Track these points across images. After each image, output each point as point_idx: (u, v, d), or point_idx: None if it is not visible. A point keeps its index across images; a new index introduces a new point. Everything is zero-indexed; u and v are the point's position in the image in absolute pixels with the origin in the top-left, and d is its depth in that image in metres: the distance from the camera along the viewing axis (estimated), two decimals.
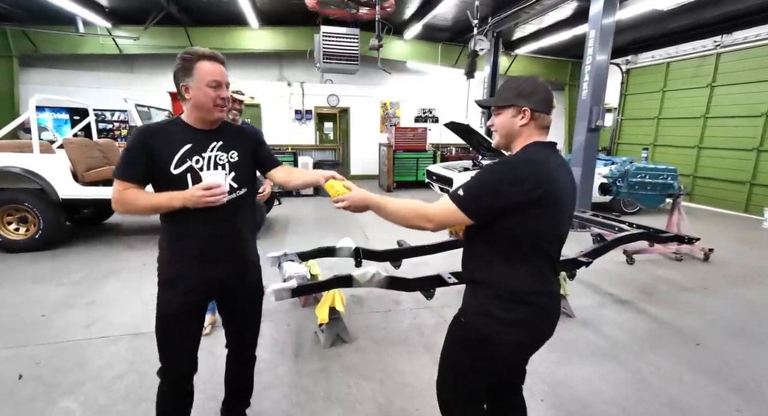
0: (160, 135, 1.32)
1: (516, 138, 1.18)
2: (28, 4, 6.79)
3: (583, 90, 5.27)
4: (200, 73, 1.28)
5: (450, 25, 8.86)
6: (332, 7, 6.28)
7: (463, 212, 1.09)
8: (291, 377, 2.25)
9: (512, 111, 1.16)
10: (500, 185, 1.06)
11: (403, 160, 9.11)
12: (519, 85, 1.16)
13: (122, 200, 1.30)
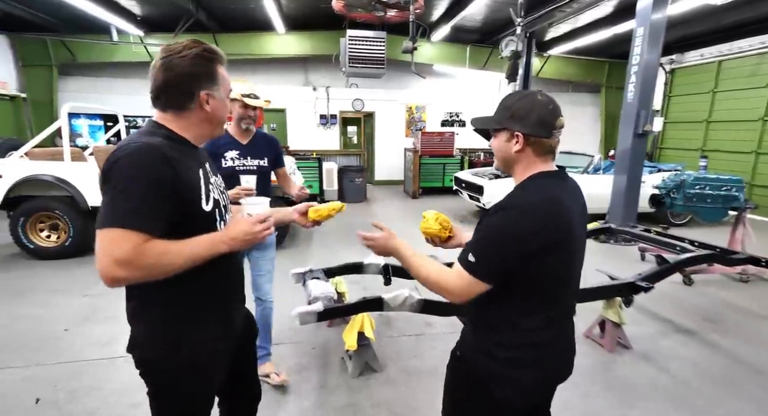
0: (178, 160, 0.92)
1: (514, 164, 1.05)
2: (67, 15, 7.00)
3: (629, 92, 4.86)
4: (224, 82, 1.04)
5: (479, 26, 8.56)
6: (359, 10, 6.14)
7: (481, 280, 0.96)
8: (315, 411, 2.05)
9: (506, 135, 1.03)
10: (512, 243, 0.94)
11: (430, 165, 8.84)
12: (514, 103, 1.01)
13: (141, 260, 0.84)
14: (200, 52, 0.97)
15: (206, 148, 1.93)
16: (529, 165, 1.01)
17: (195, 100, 0.99)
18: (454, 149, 9.12)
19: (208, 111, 1.02)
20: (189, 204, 0.95)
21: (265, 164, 2.16)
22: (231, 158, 2.08)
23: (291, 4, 7.35)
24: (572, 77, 10.46)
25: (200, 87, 0.99)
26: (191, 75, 0.97)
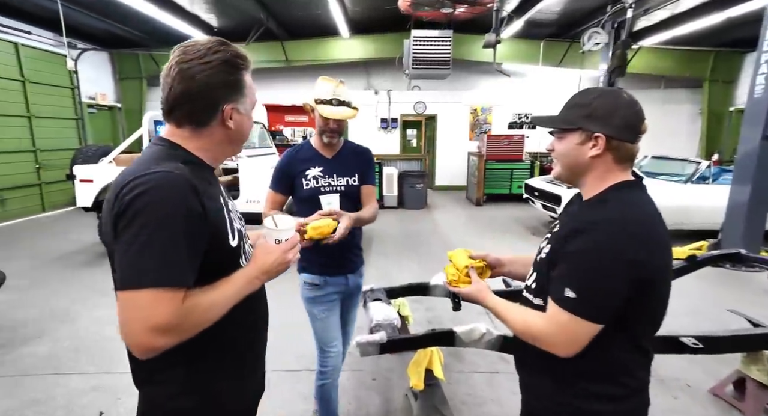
0: (204, 192, 0.75)
1: (585, 173, 0.90)
2: (155, 31, 7.63)
3: (759, 85, 3.98)
4: (250, 92, 0.85)
5: (556, 19, 7.83)
6: (426, 8, 5.85)
7: (589, 320, 0.80)
8: None
9: (578, 137, 0.88)
10: (618, 267, 0.79)
11: (495, 171, 8.26)
12: (591, 101, 0.87)
13: (187, 322, 0.69)
14: (228, 57, 0.79)
15: (281, 166, 1.67)
16: (607, 174, 0.88)
17: (218, 116, 0.81)
18: (524, 153, 8.44)
19: (231, 128, 0.83)
20: (216, 241, 0.78)
21: (355, 181, 1.72)
22: (313, 176, 1.66)
23: (356, 8, 7.30)
24: (666, 71, 9.19)
25: (225, 100, 0.80)
26: (216, 85, 0.78)
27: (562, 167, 0.94)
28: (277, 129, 7.91)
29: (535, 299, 0.96)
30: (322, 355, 1.77)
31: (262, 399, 2.20)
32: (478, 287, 1.05)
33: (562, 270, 0.84)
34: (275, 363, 2.53)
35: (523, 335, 0.89)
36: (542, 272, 0.93)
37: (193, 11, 7.12)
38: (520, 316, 0.91)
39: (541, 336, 0.85)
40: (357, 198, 1.75)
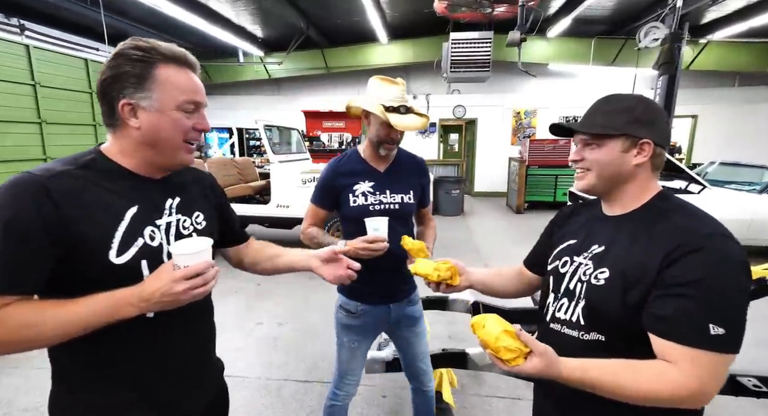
0: (74, 195, 0.70)
1: (627, 182, 0.83)
2: (205, 43, 8.12)
3: None
4: (167, 87, 0.74)
5: (609, 15, 7.30)
6: (463, 9, 5.68)
7: (734, 352, 0.68)
8: None
9: (622, 143, 0.81)
10: (745, 290, 0.69)
11: (538, 177, 7.81)
12: (632, 106, 0.81)
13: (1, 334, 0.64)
14: (125, 50, 0.72)
15: (324, 178, 1.45)
16: (648, 183, 0.84)
17: (123, 116, 0.73)
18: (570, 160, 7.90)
19: (135, 127, 0.74)
20: (81, 252, 0.69)
21: (411, 199, 1.45)
22: (362, 192, 1.39)
23: (395, 13, 7.28)
24: (741, 67, 8.20)
25: (121, 95, 0.71)
26: (111, 80, 0.72)
27: (599, 177, 0.85)
28: (315, 135, 8.07)
29: (585, 335, 0.81)
30: (339, 380, 1.57)
31: (267, 406, 2.15)
32: (548, 359, 0.71)
33: (696, 304, 0.67)
34: (286, 372, 2.51)
35: (654, 400, 0.68)
36: (606, 300, 0.77)
37: (239, 23, 7.48)
38: (636, 376, 0.69)
39: (685, 393, 0.66)
40: (411, 217, 1.52)
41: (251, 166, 5.66)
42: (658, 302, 0.71)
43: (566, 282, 0.87)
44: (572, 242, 0.92)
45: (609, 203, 0.89)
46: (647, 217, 0.81)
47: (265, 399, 2.24)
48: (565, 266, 0.90)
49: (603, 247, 0.84)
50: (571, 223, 0.98)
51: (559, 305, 0.88)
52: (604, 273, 0.80)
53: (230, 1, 6.37)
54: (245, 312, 3.34)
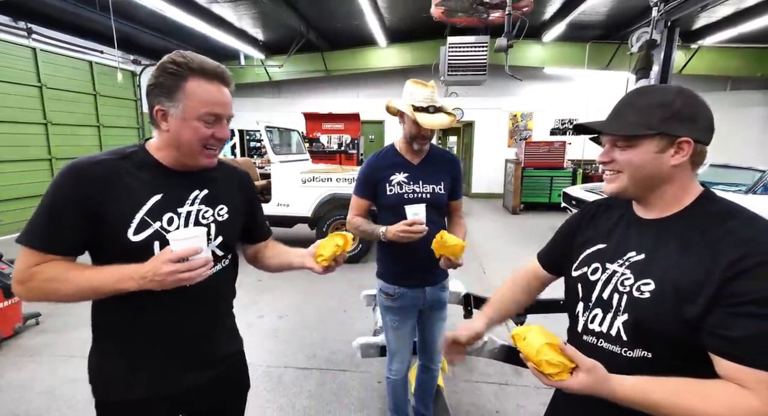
0: (107, 180, 0.84)
1: (665, 184, 0.75)
2: (207, 46, 8.26)
3: None
4: (191, 99, 0.84)
5: (603, 20, 7.45)
6: (460, 15, 5.83)
7: None
8: None
9: (657, 142, 0.72)
10: None
11: (534, 178, 7.96)
12: (670, 100, 0.72)
13: (33, 280, 0.81)
14: (163, 63, 0.85)
15: (364, 171, 1.61)
16: (689, 184, 0.75)
17: (157, 119, 0.87)
18: (565, 161, 8.05)
19: (165, 130, 0.87)
20: (106, 231, 0.84)
21: (441, 190, 1.58)
22: (397, 182, 1.56)
23: (393, 17, 7.43)
24: (733, 72, 8.38)
25: (156, 102, 0.86)
26: (151, 88, 0.86)
27: (632, 180, 0.76)
28: (314, 136, 8.20)
29: (629, 352, 0.74)
30: (390, 359, 1.75)
31: (269, 390, 2.28)
32: (597, 376, 0.67)
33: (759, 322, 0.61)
34: (286, 360, 2.63)
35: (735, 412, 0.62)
36: (655, 316, 0.70)
37: (241, 27, 7.63)
38: (708, 404, 0.63)
39: None
40: (443, 207, 1.63)
41: (252, 166, 5.79)
42: (726, 321, 0.64)
43: (598, 291, 0.80)
44: (602, 247, 0.84)
45: (645, 205, 0.80)
46: (696, 222, 0.73)
47: (266, 384, 2.36)
48: (595, 273, 0.82)
49: (643, 255, 0.76)
50: (598, 224, 0.89)
51: (592, 316, 0.81)
52: (648, 285, 0.72)
53: (232, 5, 6.52)
54: (247, 306, 3.46)
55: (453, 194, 1.64)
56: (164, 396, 0.94)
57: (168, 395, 0.95)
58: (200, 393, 1.00)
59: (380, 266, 1.68)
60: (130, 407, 0.92)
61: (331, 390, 2.30)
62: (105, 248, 0.87)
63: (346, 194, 4.50)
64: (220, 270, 1.00)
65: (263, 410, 2.13)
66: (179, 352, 0.95)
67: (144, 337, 0.92)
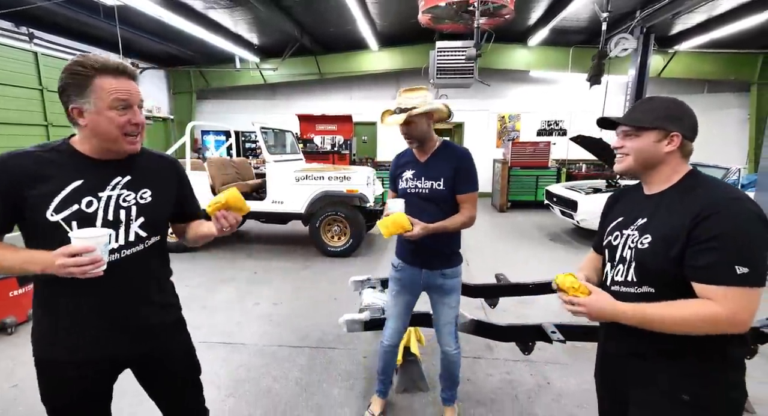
0: (31, 166, 0.97)
1: (657, 165, 1.05)
2: (204, 50, 8.49)
3: None
4: (99, 92, 0.96)
5: (585, 26, 7.78)
6: (446, 22, 6.11)
7: (761, 287, 0.88)
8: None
9: (656, 135, 1.02)
10: (760, 236, 0.89)
11: (520, 177, 8.27)
12: (666, 106, 1.04)
13: None
14: (68, 66, 0.97)
15: (391, 168, 1.88)
16: (678, 166, 1.03)
17: (74, 117, 0.99)
18: (550, 161, 8.37)
19: (84, 125, 0.99)
20: (28, 210, 0.97)
21: (440, 186, 1.71)
22: (406, 178, 1.78)
23: (384, 22, 7.70)
24: (709, 75, 8.75)
25: (70, 101, 0.98)
26: (60, 91, 0.98)
27: (636, 161, 1.05)
28: (308, 137, 8.45)
29: (638, 289, 1.01)
30: (385, 324, 1.99)
31: (264, 365, 2.53)
32: (605, 297, 0.98)
33: (721, 252, 0.87)
34: (280, 340, 2.89)
35: (697, 327, 0.89)
36: (651, 259, 0.97)
37: (236, 31, 7.86)
38: (683, 311, 0.90)
39: (724, 320, 0.87)
40: (448, 203, 1.74)
41: (248, 166, 6.03)
42: (694, 256, 0.90)
43: (619, 252, 1.07)
44: (620, 219, 1.12)
45: (647, 183, 1.08)
46: (679, 192, 1.00)
47: (261, 359, 2.61)
48: (617, 239, 1.10)
49: (645, 219, 1.03)
50: (619, 205, 1.18)
51: (616, 271, 1.08)
52: (647, 238, 0.99)
53: (228, 11, 6.75)
54: (244, 295, 3.70)
55: (458, 187, 1.71)
56: (91, 360, 1.07)
57: (95, 359, 1.07)
58: (137, 359, 1.15)
59: (396, 243, 1.91)
60: (59, 366, 1.06)
61: (321, 364, 2.55)
62: (26, 226, 1.01)
63: (338, 192, 4.77)
64: (143, 249, 1.09)
65: (258, 381, 2.38)
66: (104, 323, 1.07)
67: (71, 308, 1.04)
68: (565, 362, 2.61)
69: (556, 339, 2.17)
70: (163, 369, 1.23)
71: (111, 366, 1.14)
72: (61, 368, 1.07)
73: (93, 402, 1.14)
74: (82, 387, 1.09)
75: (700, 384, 0.96)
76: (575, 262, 4.71)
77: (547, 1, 6.78)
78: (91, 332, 1.06)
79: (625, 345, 1.07)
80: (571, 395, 2.27)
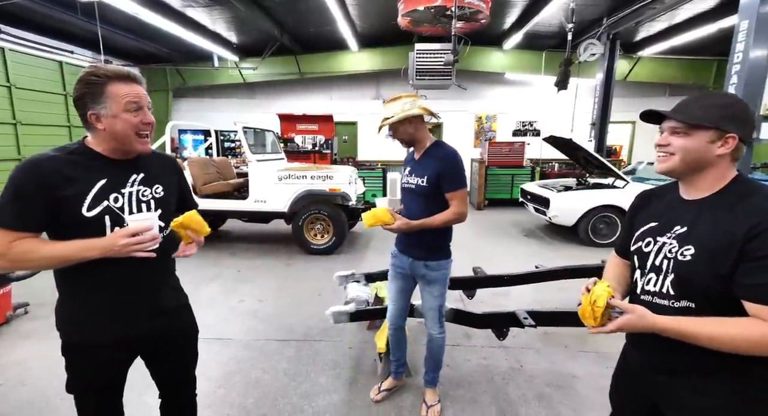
0: (61, 169, 1.06)
1: (706, 168, 0.94)
2: (181, 47, 8.36)
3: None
4: (114, 97, 1.06)
5: (556, 31, 8.12)
6: (425, 25, 6.28)
7: None
8: (342, 407, 2.17)
9: (711, 135, 0.91)
10: None
11: (497, 176, 8.56)
12: (728, 104, 0.93)
13: (11, 255, 1.01)
14: (83, 77, 1.06)
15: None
16: (727, 170, 0.94)
17: (93, 123, 1.09)
18: (524, 160, 8.71)
19: (102, 129, 1.09)
20: (65, 210, 1.05)
21: (423, 182, 1.85)
22: (404, 174, 2.00)
23: (364, 24, 7.81)
24: (670, 79, 9.32)
25: (87, 108, 1.07)
26: (77, 99, 1.08)
27: (682, 161, 0.94)
28: (289, 137, 8.46)
29: (676, 303, 0.93)
30: (389, 308, 2.18)
31: (251, 358, 2.61)
32: (639, 313, 0.89)
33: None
34: (266, 334, 2.97)
35: (749, 349, 0.81)
36: (695, 273, 0.89)
37: (215, 30, 7.79)
38: (731, 328, 0.83)
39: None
40: (432, 199, 1.85)
41: (229, 165, 6.02)
42: (749, 272, 0.82)
43: (652, 259, 0.98)
44: (653, 225, 1.02)
45: (688, 187, 0.98)
46: (728, 199, 0.90)
47: (249, 353, 2.69)
48: (648, 245, 1.00)
49: (685, 228, 0.94)
50: (651, 208, 1.08)
51: (647, 280, 0.99)
52: (689, 250, 0.90)
53: (207, 10, 6.70)
54: (229, 292, 3.75)
55: (444, 185, 1.82)
56: (119, 340, 1.18)
57: (122, 340, 1.19)
58: (155, 339, 1.27)
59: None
60: (91, 348, 1.16)
61: (308, 355, 2.66)
62: (64, 224, 1.06)
63: (321, 191, 4.86)
64: (162, 239, 1.18)
65: (248, 372, 2.46)
66: (132, 303, 1.20)
67: (103, 291, 1.15)
68: (537, 347, 2.81)
69: (527, 325, 2.37)
70: (176, 348, 1.37)
71: (136, 346, 1.25)
72: (93, 351, 1.17)
73: (116, 384, 1.24)
74: (110, 368, 1.20)
75: (740, 403, 0.90)
76: (547, 255, 4.99)
77: (521, 8, 7.06)
78: (127, 312, 1.19)
79: (658, 359, 1.00)
80: (541, 376, 2.47)
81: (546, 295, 3.52)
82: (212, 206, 4.98)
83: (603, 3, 6.60)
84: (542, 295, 3.54)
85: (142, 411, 2.07)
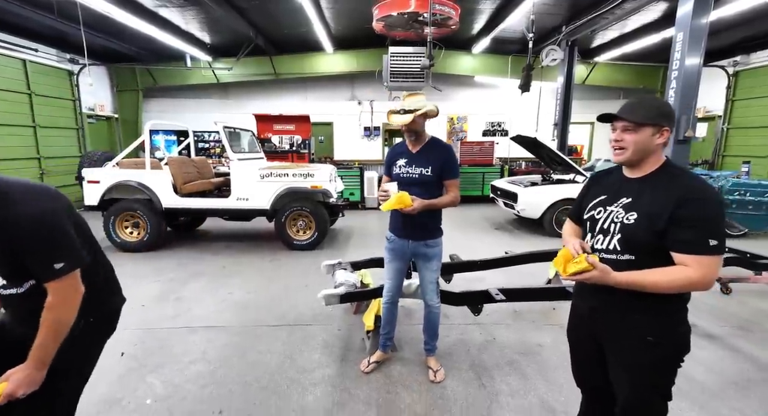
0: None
1: (649, 156, 1.22)
2: (151, 47, 8.23)
3: (670, 98, 4.76)
4: None
5: (520, 37, 8.62)
6: (399, 29, 6.57)
7: (723, 254, 1.13)
8: (335, 378, 2.38)
9: (652, 130, 1.19)
10: (723, 216, 1.15)
11: (469, 174, 8.98)
12: (660, 105, 1.22)
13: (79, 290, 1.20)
14: None
15: (387, 157, 2.28)
16: (659, 156, 1.23)
17: None
18: (494, 159, 9.18)
19: None
20: None
21: (428, 172, 2.13)
22: (400, 165, 2.19)
23: (339, 26, 8.00)
24: (623, 84, 10.09)
25: None
26: None
27: (632, 153, 1.21)
28: (265, 137, 8.51)
29: (620, 256, 1.21)
30: (384, 286, 2.40)
31: (246, 342, 2.76)
32: (605, 269, 1.15)
33: (700, 229, 1.09)
34: (258, 321, 3.13)
35: (678, 288, 1.11)
36: (637, 232, 1.16)
37: (187, 29, 7.74)
38: (666, 276, 1.11)
39: (696, 282, 1.09)
40: (432, 186, 2.15)
41: (208, 164, 6.06)
42: (677, 231, 1.10)
43: (600, 224, 1.27)
44: (604, 197, 1.31)
45: (634, 170, 1.26)
46: (663, 178, 1.18)
47: (244, 338, 2.85)
48: (600, 213, 1.29)
49: (630, 199, 1.21)
50: (601, 184, 1.36)
51: (597, 240, 1.28)
52: (633, 215, 1.19)
53: (180, 10, 6.68)
54: (217, 286, 3.86)
55: (444, 174, 2.15)
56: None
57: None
58: None
59: (390, 221, 2.31)
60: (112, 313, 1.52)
61: (300, 337, 2.85)
62: None
63: (302, 188, 5.02)
64: None
65: (244, 354, 2.63)
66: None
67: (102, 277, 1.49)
68: (508, 323, 3.13)
69: (499, 300, 2.68)
70: None
71: None
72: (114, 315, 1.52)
73: None
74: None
75: (659, 327, 1.20)
76: (515, 245, 5.39)
77: (487, 15, 7.50)
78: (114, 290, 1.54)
79: (600, 301, 1.29)
80: (512, 347, 2.77)
81: (515, 280, 3.87)
82: (194, 204, 5.03)
83: (562, 13, 7.12)
84: (512, 280, 3.88)
85: None
